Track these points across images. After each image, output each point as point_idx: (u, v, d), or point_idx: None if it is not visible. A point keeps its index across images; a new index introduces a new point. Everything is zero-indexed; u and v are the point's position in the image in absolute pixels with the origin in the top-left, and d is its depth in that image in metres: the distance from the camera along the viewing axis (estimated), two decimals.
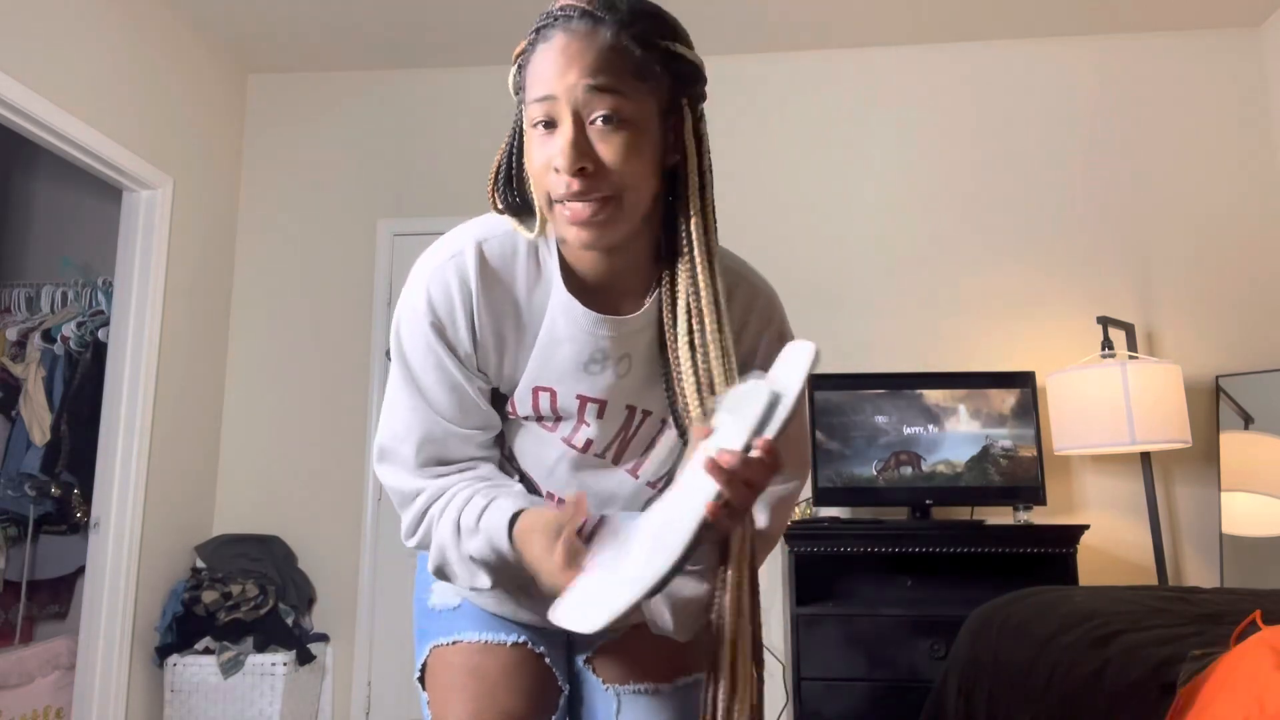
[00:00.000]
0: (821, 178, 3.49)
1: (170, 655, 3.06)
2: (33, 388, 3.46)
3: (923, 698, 2.20)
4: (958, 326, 3.34)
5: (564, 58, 0.87)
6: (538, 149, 0.90)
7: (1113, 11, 3.33)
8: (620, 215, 0.90)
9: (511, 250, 1.00)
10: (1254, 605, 1.60)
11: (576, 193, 0.87)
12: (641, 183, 0.91)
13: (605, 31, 0.88)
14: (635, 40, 0.89)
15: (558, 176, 0.88)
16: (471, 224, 1.03)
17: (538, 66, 0.90)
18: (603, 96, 0.87)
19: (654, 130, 0.91)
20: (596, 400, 1.03)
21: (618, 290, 1.00)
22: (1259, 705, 1.03)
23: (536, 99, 0.89)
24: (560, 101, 0.87)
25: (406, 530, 1.04)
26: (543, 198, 0.92)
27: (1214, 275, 3.28)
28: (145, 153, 3.14)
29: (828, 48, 3.57)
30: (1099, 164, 3.40)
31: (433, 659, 1.14)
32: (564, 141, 0.86)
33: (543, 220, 0.97)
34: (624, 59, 0.88)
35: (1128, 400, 2.80)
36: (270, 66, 3.77)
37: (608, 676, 1.17)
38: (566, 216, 0.90)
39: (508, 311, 1.00)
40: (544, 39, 0.90)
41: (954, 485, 3.00)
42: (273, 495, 3.50)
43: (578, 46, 0.87)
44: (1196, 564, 3.11)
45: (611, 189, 0.88)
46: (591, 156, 0.87)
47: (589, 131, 0.87)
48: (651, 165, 0.92)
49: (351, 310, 3.61)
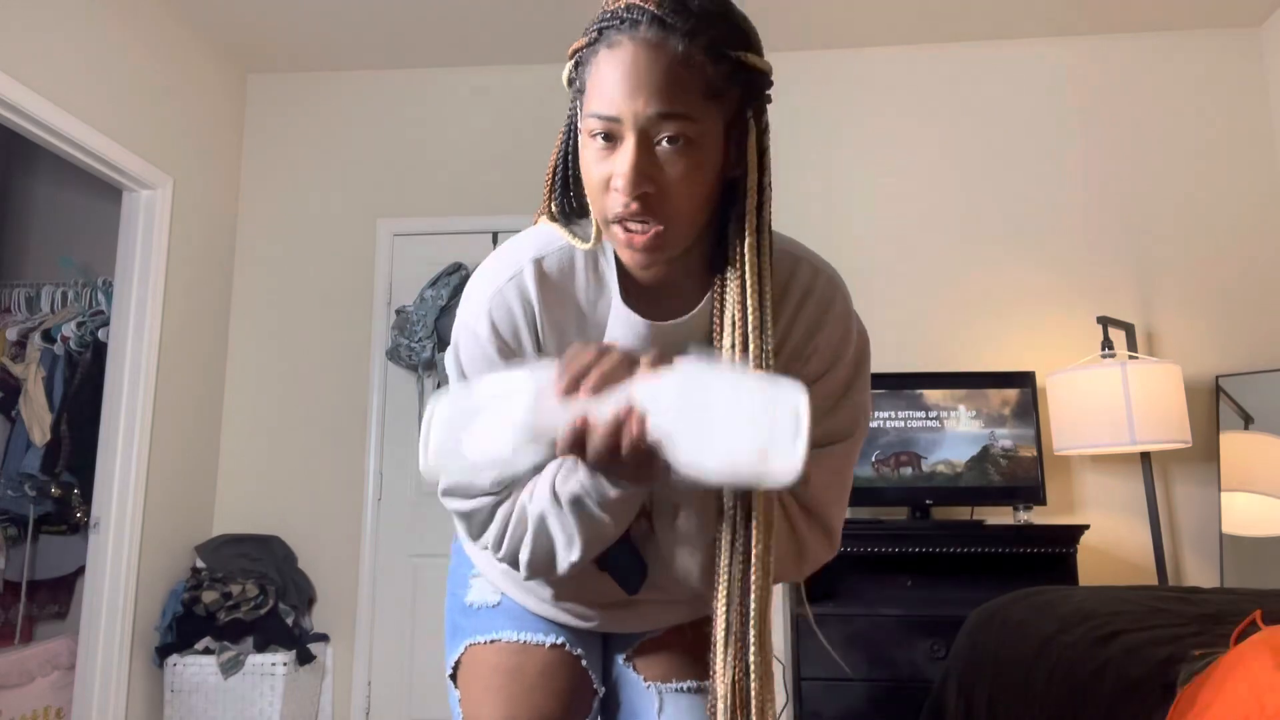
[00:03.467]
0: (820, 178, 3.49)
1: (170, 655, 3.06)
2: (33, 388, 3.46)
3: (923, 698, 2.20)
4: (958, 326, 3.33)
5: (632, 76, 0.82)
6: (596, 163, 0.87)
7: (1113, 11, 3.33)
8: (675, 237, 0.88)
9: (570, 264, 0.98)
10: (1254, 605, 1.60)
11: (635, 214, 0.85)
12: (699, 203, 0.89)
13: (675, 43, 0.83)
14: (706, 52, 0.84)
15: (617, 196, 0.85)
16: (524, 239, 1.01)
17: (601, 77, 0.85)
18: (671, 121, 0.83)
19: (718, 148, 0.89)
20: None
21: (672, 294, 0.99)
22: (1259, 705, 1.03)
23: (598, 115, 0.84)
24: (625, 123, 0.83)
25: (487, 535, 1.00)
26: (600, 213, 0.89)
27: (1214, 275, 3.28)
28: (145, 153, 3.14)
29: (827, 48, 3.57)
30: (1099, 164, 3.40)
31: (468, 657, 1.12)
32: (627, 165, 0.83)
33: (598, 233, 0.96)
34: (694, 77, 0.83)
35: (1128, 400, 2.80)
36: (270, 66, 3.77)
37: (649, 674, 1.15)
38: (623, 239, 0.87)
39: (570, 325, 0.99)
40: (608, 43, 0.85)
41: (954, 485, 3.00)
42: (273, 495, 3.50)
43: (646, 62, 0.82)
44: (1196, 564, 3.11)
45: (671, 213, 0.86)
46: (654, 180, 0.84)
47: (653, 152, 0.84)
48: (713, 184, 0.90)
49: (351, 310, 3.60)
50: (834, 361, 1.01)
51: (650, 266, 0.90)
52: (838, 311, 1.01)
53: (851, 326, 1.03)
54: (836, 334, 1.01)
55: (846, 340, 1.02)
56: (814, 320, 1.00)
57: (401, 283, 3.58)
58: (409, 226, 3.64)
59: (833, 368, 1.01)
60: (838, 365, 1.02)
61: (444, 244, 3.55)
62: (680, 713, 1.13)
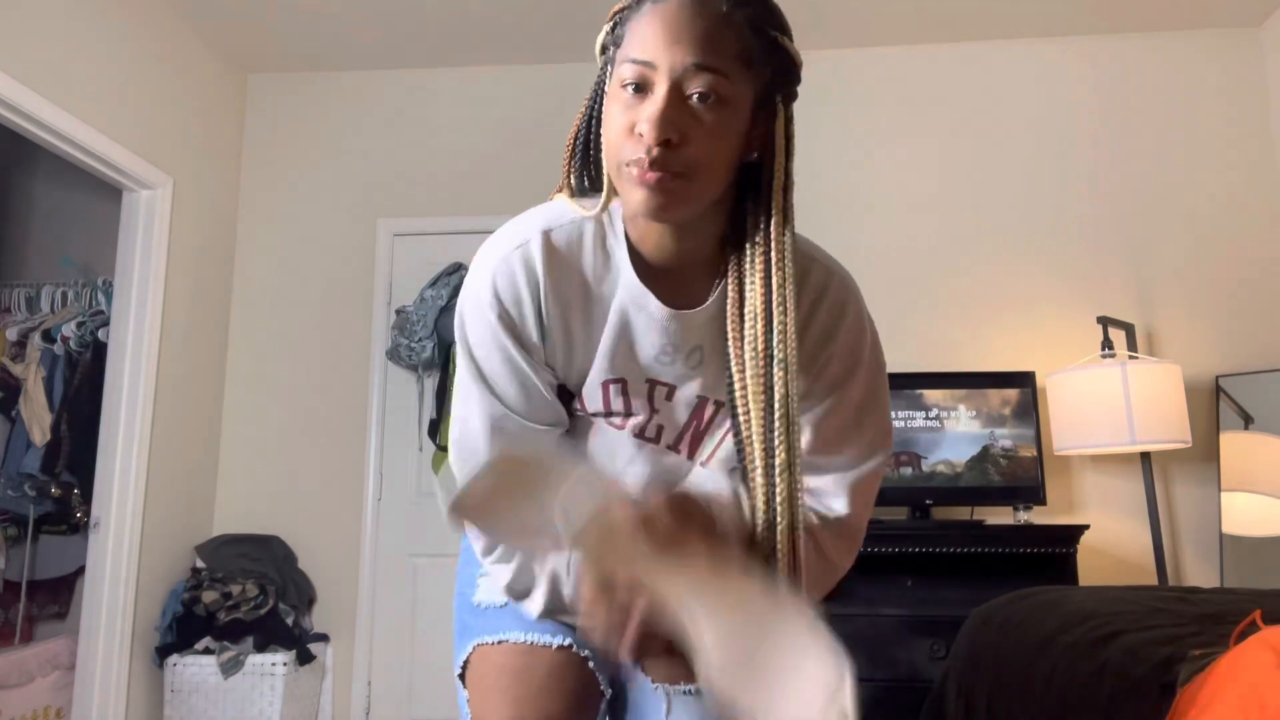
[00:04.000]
0: (820, 179, 3.49)
1: (170, 655, 3.06)
2: (33, 388, 3.46)
3: (923, 698, 2.20)
4: (958, 326, 3.33)
5: (675, 25, 0.84)
6: (621, 111, 0.87)
7: (1113, 11, 3.33)
8: (690, 192, 0.87)
9: (579, 238, 0.98)
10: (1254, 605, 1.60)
11: (654, 160, 0.84)
12: (720, 166, 0.88)
13: (721, 5, 0.85)
14: (747, 22, 0.86)
15: (639, 141, 0.85)
16: (536, 212, 1.01)
17: (643, 26, 0.86)
18: (706, 75, 0.84)
19: (744, 119, 0.89)
20: (666, 384, 1.01)
21: (685, 276, 0.98)
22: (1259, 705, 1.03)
23: (634, 59, 0.85)
24: (659, 70, 0.84)
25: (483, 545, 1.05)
26: (614, 160, 0.88)
27: (1214, 275, 3.28)
28: (145, 153, 3.14)
29: (829, 48, 3.57)
30: (1099, 163, 3.40)
31: (475, 657, 1.12)
32: (655, 110, 0.83)
33: (608, 196, 0.95)
34: (734, 38, 0.85)
35: (1128, 400, 2.80)
36: (270, 66, 3.77)
37: (657, 677, 1.14)
38: (634, 176, 0.86)
39: (576, 301, 0.98)
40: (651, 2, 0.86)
41: (954, 485, 3.00)
42: (273, 495, 3.50)
43: (689, 14, 0.84)
44: (1196, 564, 3.11)
45: (690, 165, 0.85)
46: (679, 130, 0.84)
47: (683, 103, 0.84)
48: (734, 152, 0.89)
49: (351, 310, 3.60)
50: (852, 368, 1.00)
51: (656, 214, 0.88)
52: (852, 316, 1.00)
53: (866, 330, 1.02)
54: (852, 338, 1.00)
55: (861, 344, 1.01)
56: (827, 327, 0.99)
57: (401, 283, 3.58)
58: (409, 226, 3.64)
59: (851, 375, 1.00)
60: (856, 372, 1.00)
61: (444, 244, 3.55)
62: (688, 715, 1.13)
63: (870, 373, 1.02)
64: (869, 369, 1.02)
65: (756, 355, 0.90)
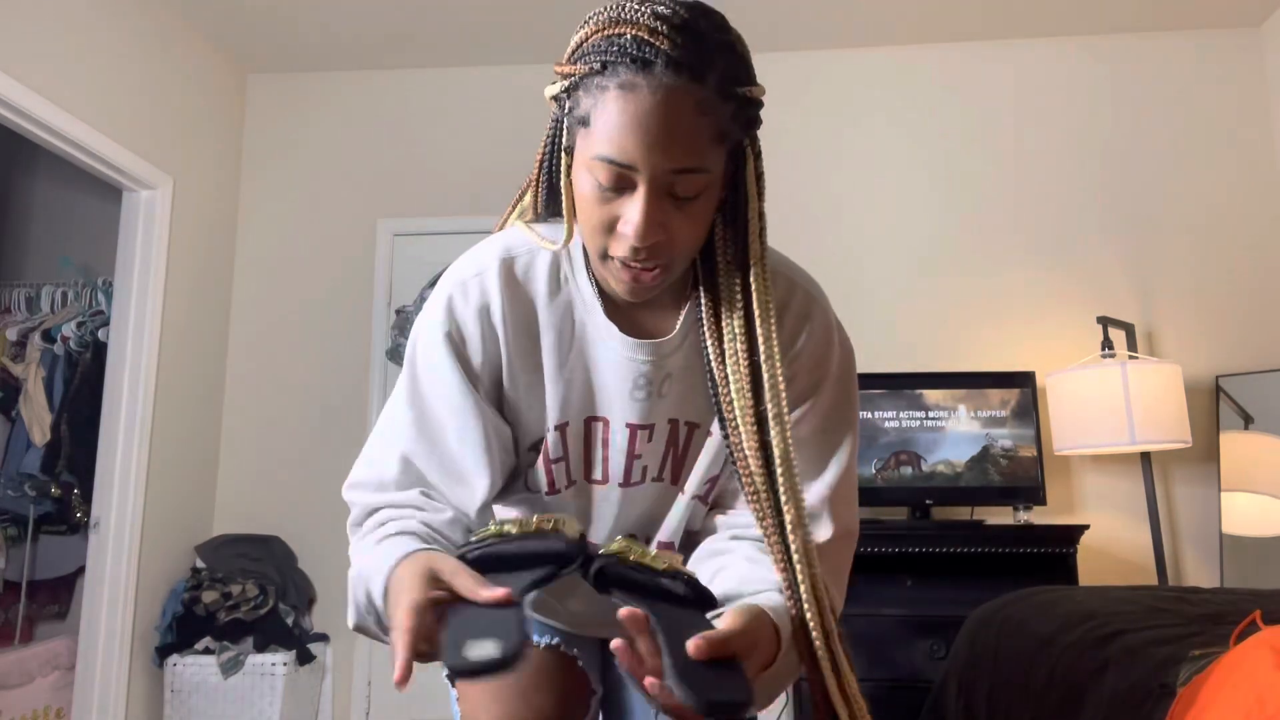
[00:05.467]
0: (820, 179, 3.49)
1: (170, 655, 3.06)
2: (33, 388, 3.46)
3: (923, 698, 2.20)
4: (958, 326, 3.33)
5: (652, 126, 0.79)
6: (598, 204, 0.85)
7: (1113, 11, 3.33)
8: (671, 275, 0.89)
9: (537, 267, 0.98)
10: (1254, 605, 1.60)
11: (640, 258, 0.85)
12: (699, 242, 0.90)
13: (694, 90, 0.80)
14: (719, 94, 0.82)
15: (624, 240, 0.85)
16: (494, 240, 1.01)
17: (612, 122, 0.81)
18: (687, 176, 0.82)
19: (720, 186, 0.89)
20: (645, 426, 1.01)
21: (649, 305, 0.99)
22: (1259, 705, 1.03)
23: (611, 161, 0.82)
24: (640, 174, 0.82)
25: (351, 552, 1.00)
26: (595, 249, 0.89)
27: (1214, 275, 3.28)
28: (145, 153, 3.14)
29: (826, 48, 3.57)
30: (1099, 163, 3.40)
31: None
32: (639, 215, 0.82)
33: (569, 235, 0.95)
34: (709, 124, 0.82)
35: (1128, 400, 2.80)
36: (270, 66, 3.77)
37: None
38: (625, 277, 0.88)
39: (530, 332, 0.98)
40: (619, 84, 0.80)
41: (954, 485, 3.00)
42: (273, 495, 3.50)
43: (664, 113, 0.79)
44: (1196, 564, 3.11)
45: (676, 255, 0.87)
46: (666, 228, 0.84)
47: (666, 202, 0.84)
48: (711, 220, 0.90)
49: (351, 310, 3.60)
50: (819, 381, 1.00)
51: (641, 298, 0.91)
52: (818, 328, 1.00)
53: (833, 340, 1.02)
54: (818, 351, 1.00)
55: (828, 357, 1.01)
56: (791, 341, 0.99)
57: (401, 283, 3.58)
58: (409, 226, 3.64)
59: (818, 388, 1.00)
60: (823, 385, 1.00)
61: (444, 244, 3.55)
62: None
63: (838, 382, 1.02)
64: (836, 379, 1.02)
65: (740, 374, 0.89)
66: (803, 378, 0.99)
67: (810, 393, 1.00)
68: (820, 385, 1.00)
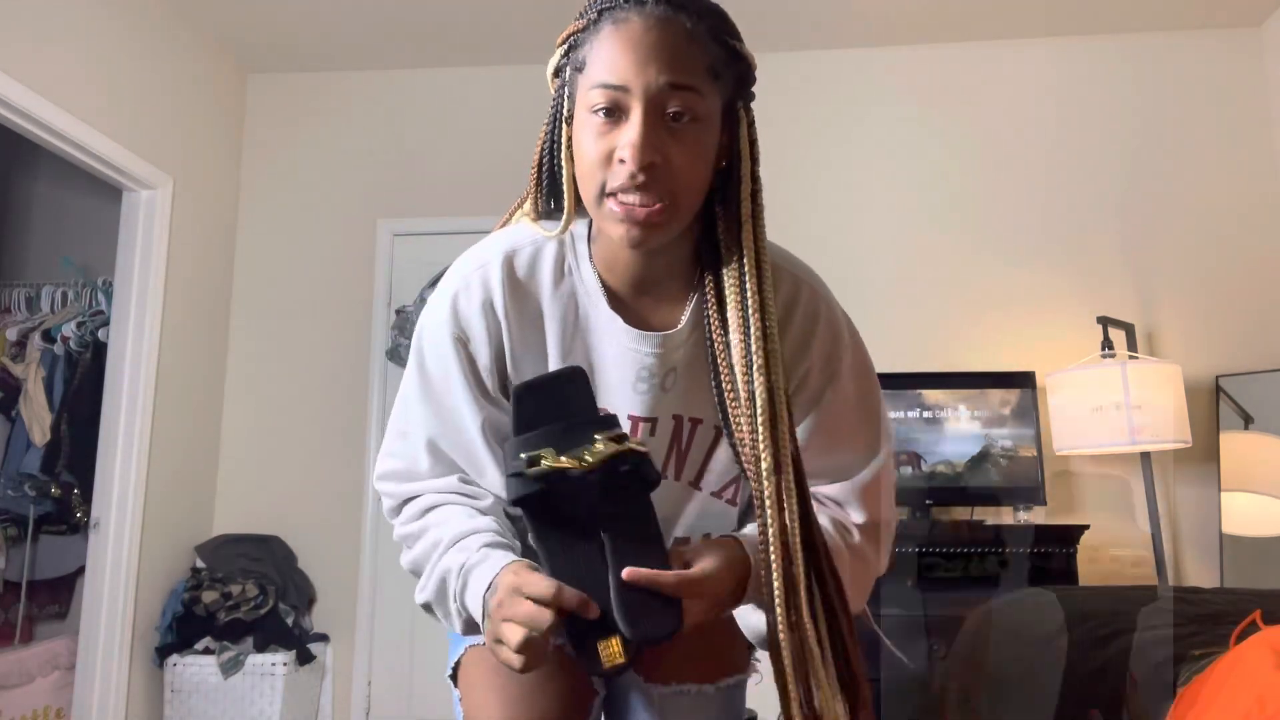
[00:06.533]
0: (820, 179, 3.49)
1: (170, 655, 3.06)
2: (33, 388, 3.46)
3: (923, 698, 2.20)
4: (958, 326, 3.33)
5: (643, 45, 0.83)
6: (594, 138, 0.86)
7: (1113, 11, 3.33)
8: (675, 217, 0.88)
9: (540, 261, 0.98)
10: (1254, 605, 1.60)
11: (640, 186, 0.84)
12: (700, 185, 0.89)
13: (684, 21, 0.85)
14: (709, 34, 0.86)
15: (620, 168, 0.84)
16: (497, 236, 1.02)
17: (607, 51, 0.85)
18: (681, 94, 0.84)
19: (716, 132, 0.89)
20: (648, 419, 1.00)
21: (655, 296, 0.98)
22: (1259, 705, 1.03)
23: (604, 84, 0.84)
24: (633, 93, 0.83)
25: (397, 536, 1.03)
26: (593, 189, 0.87)
27: (1214, 275, 3.28)
28: (145, 153, 3.14)
29: (827, 48, 3.57)
30: (1099, 163, 3.39)
31: (467, 658, 1.11)
32: (636, 135, 0.83)
33: (568, 218, 0.95)
34: (700, 52, 0.85)
35: (1128, 400, 2.80)
36: (270, 66, 3.76)
37: (650, 676, 1.14)
38: (618, 213, 0.86)
39: (535, 325, 0.98)
40: (613, 20, 0.86)
41: (954, 485, 3.00)
42: (273, 495, 3.50)
43: (656, 35, 0.84)
44: (1196, 564, 3.11)
45: (673, 189, 0.86)
46: (662, 152, 0.84)
47: (661, 124, 0.84)
48: (710, 167, 0.90)
49: (351, 310, 3.60)
50: (832, 376, 1.00)
51: (641, 245, 0.88)
52: (825, 323, 1.00)
53: (843, 335, 1.02)
54: (828, 347, 1.00)
55: (839, 351, 1.01)
56: (802, 339, 0.99)
57: (401, 283, 3.58)
58: (409, 226, 3.64)
59: (833, 383, 1.00)
60: (837, 379, 1.00)
61: (444, 244, 3.54)
62: (680, 715, 1.12)
63: (853, 376, 1.02)
64: (851, 372, 1.01)
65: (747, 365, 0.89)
66: (815, 376, 0.99)
67: (824, 387, 0.99)
68: (834, 380, 1.00)
